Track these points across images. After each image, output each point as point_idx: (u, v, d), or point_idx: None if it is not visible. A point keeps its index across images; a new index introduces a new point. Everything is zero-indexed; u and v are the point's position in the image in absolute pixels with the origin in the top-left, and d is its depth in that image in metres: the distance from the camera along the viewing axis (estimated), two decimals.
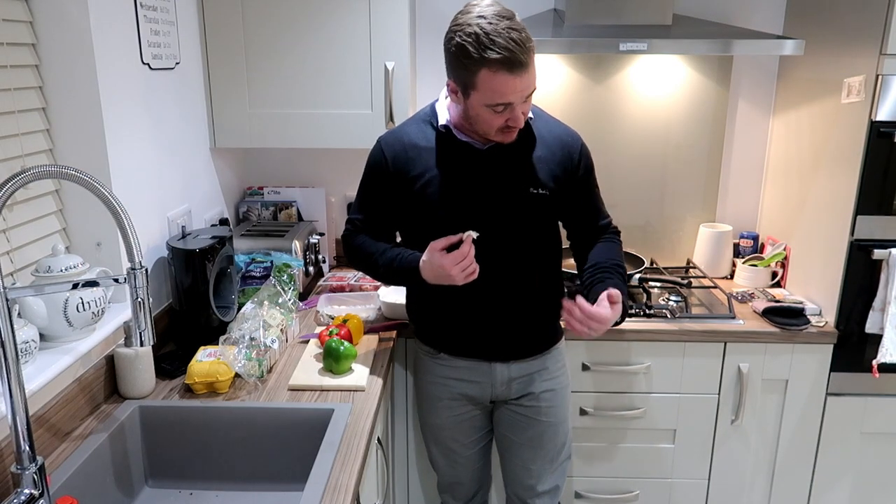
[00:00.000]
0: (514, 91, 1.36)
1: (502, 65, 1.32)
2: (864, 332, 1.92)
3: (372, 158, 1.59)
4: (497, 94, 1.36)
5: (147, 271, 1.09)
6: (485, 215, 1.51)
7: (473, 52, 1.32)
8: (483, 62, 1.32)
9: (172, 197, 1.84)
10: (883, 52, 1.74)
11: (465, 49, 1.34)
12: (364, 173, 1.61)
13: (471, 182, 1.51)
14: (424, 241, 1.48)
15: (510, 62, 1.32)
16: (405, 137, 1.55)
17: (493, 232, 1.51)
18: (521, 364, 1.63)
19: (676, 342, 1.96)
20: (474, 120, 1.45)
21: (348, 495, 1.18)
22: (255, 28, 2.00)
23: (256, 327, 1.64)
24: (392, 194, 1.56)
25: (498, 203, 1.52)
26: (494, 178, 1.52)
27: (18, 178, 0.99)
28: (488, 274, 1.50)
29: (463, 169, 1.52)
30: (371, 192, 1.61)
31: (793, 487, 2.11)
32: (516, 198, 1.52)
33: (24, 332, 1.26)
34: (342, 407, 1.47)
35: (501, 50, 1.31)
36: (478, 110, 1.41)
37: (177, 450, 1.48)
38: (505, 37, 1.31)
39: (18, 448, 1.06)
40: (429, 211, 1.52)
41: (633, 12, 1.99)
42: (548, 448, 1.68)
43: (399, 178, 1.54)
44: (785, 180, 2.26)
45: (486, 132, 1.46)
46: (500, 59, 1.31)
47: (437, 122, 1.54)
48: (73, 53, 1.43)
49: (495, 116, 1.41)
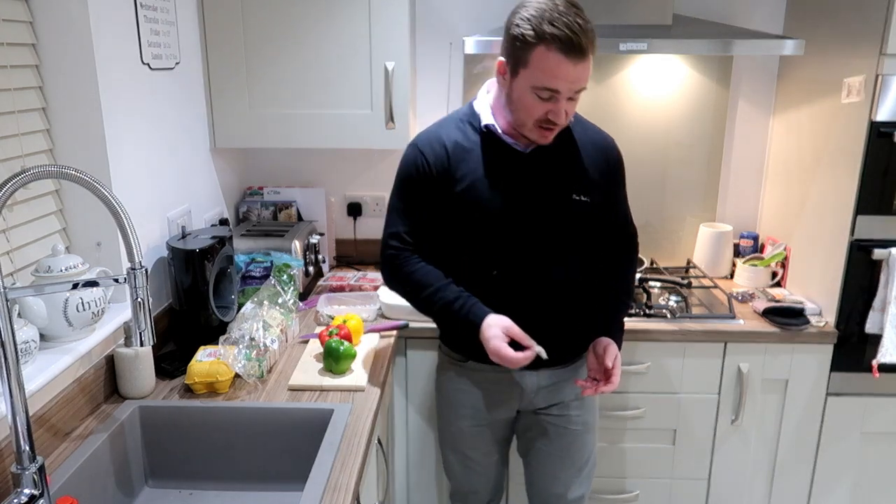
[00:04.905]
0: (566, 77, 1.32)
1: (561, 43, 1.28)
2: (864, 332, 1.92)
3: (410, 163, 1.50)
4: (547, 75, 1.32)
5: (147, 271, 1.09)
6: (527, 220, 1.47)
7: (535, 25, 1.29)
8: (541, 38, 1.29)
9: (172, 197, 1.84)
10: (883, 52, 1.74)
11: (527, 23, 1.31)
12: (399, 181, 1.52)
13: (513, 185, 1.46)
14: (460, 245, 1.46)
15: (570, 43, 1.28)
16: (445, 139, 1.49)
17: (534, 238, 1.48)
18: (551, 372, 1.58)
19: (676, 342, 1.96)
20: (515, 105, 1.39)
21: (348, 495, 1.18)
22: (255, 28, 2.00)
23: (256, 327, 1.64)
24: (436, 199, 1.49)
25: (541, 208, 1.48)
26: (537, 183, 1.47)
27: (18, 178, 0.99)
28: (526, 281, 1.49)
29: (506, 172, 1.47)
30: (413, 199, 1.51)
31: (793, 487, 2.11)
32: (559, 203, 1.48)
33: (24, 332, 1.26)
34: (342, 407, 1.47)
35: (563, 28, 1.27)
36: (521, 93, 1.36)
37: (177, 450, 1.48)
38: (570, 19, 1.28)
39: (18, 448, 1.06)
40: (470, 214, 1.47)
41: (633, 12, 1.99)
42: (576, 457, 1.65)
43: (443, 180, 1.47)
44: (785, 180, 2.26)
45: (524, 122, 1.40)
46: (560, 36, 1.28)
47: (478, 123, 1.49)
48: (73, 53, 1.43)
49: (537, 104, 1.36)
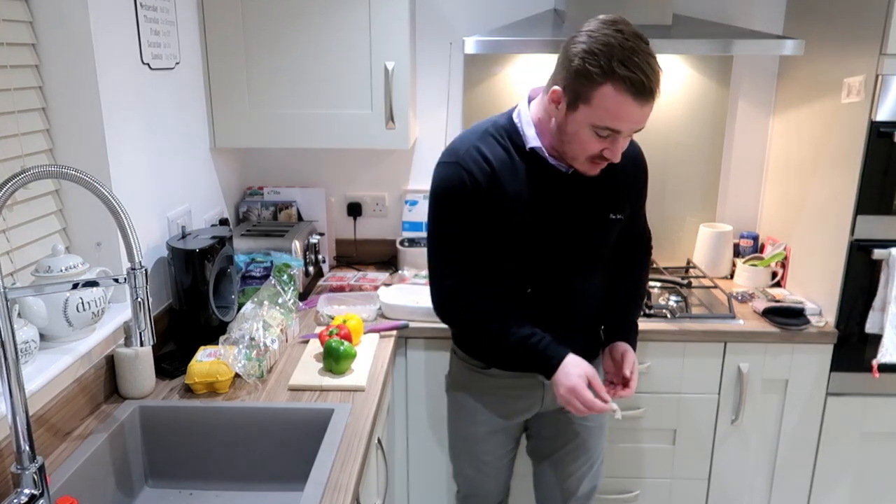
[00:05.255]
0: (630, 119, 1.25)
1: (632, 86, 1.21)
2: (864, 332, 1.92)
3: (455, 182, 1.39)
4: (611, 116, 1.25)
5: (147, 271, 1.10)
6: (566, 240, 1.45)
7: (604, 62, 1.21)
8: (611, 77, 1.21)
9: (172, 197, 1.84)
10: (883, 52, 1.74)
11: (594, 57, 1.22)
12: (445, 204, 1.42)
13: (555, 206, 1.42)
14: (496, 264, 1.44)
15: (641, 86, 1.21)
16: (489, 154, 1.39)
17: (570, 256, 1.47)
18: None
19: (676, 342, 1.96)
20: (569, 138, 1.33)
21: (348, 495, 1.18)
22: (255, 28, 2.00)
23: (256, 327, 1.64)
24: (486, 218, 1.40)
25: (580, 228, 1.45)
26: (578, 204, 1.44)
27: (18, 178, 0.99)
28: (555, 296, 1.48)
29: (548, 192, 1.41)
30: (465, 220, 1.41)
31: (793, 487, 2.11)
32: (596, 223, 1.46)
33: (24, 332, 1.26)
34: (342, 407, 1.47)
35: (635, 70, 1.20)
36: (578, 128, 1.29)
37: (177, 450, 1.48)
38: (643, 58, 1.21)
39: (18, 448, 1.06)
40: (511, 234, 1.42)
41: (633, 12, 1.98)
42: (591, 453, 1.66)
43: (490, 197, 1.39)
44: (785, 180, 2.26)
45: (575, 156, 1.35)
46: (632, 78, 1.20)
47: (521, 141, 1.41)
48: (73, 53, 1.43)
49: (594, 141, 1.30)
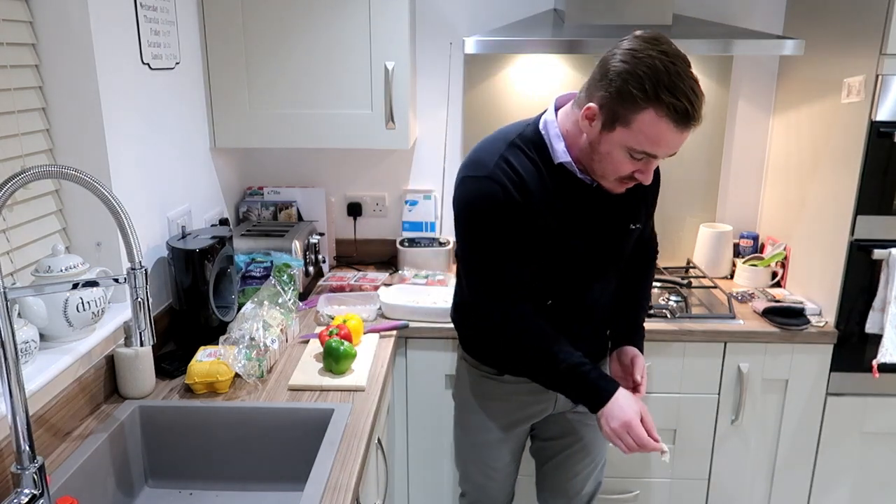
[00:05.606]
0: (668, 145, 1.22)
1: (675, 112, 1.17)
2: (864, 332, 1.92)
3: (490, 198, 1.32)
4: (649, 141, 1.21)
5: (147, 271, 1.09)
6: (589, 252, 1.43)
7: (648, 87, 1.16)
8: (654, 102, 1.17)
9: (172, 197, 1.84)
10: (883, 52, 1.74)
11: (637, 80, 1.17)
12: (483, 222, 1.35)
13: (580, 219, 1.39)
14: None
15: (685, 114, 1.17)
16: (518, 167, 1.34)
17: (591, 268, 1.46)
18: None
19: (676, 342, 1.96)
20: (601, 157, 1.29)
21: (348, 495, 1.18)
22: (255, 28, 2.00)
23: (256, 327, 1.64)
24: (525, 230, 1.35)
25: (602, 240, 1.44)
26: (601, 215, 1.42)
27: (18, 178, 0.99)
28: (574, 306, 1.48)
29: (574, 205, 1.38)
30: (506, 236, 1.35)
31: (793, 487, 2.11)
32: (618, 234, 1.46)
33: (24, 332, 1.26)
34: (342, 407, 1.47)
35: (681, 97, 1.16)
36: (612, 148, 1.26)
37: (177, 450, 1.48)
38: (688, 84, 1.17)
39: (18, 448, 1.06)
40: (538, 247, 1.38)
41: (633, 12, 1.99)
42: (595, 452, 1.66)
43: (524, 210, 1.34)
44: (785, 180, 2.26)
45: (604, 174, 1.32)
46: (677, 106, 1.16)
47: (549, 154, 1.36)
48: (73, 53, 1.43)
49: (627, 162, 1.27)
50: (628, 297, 1.62)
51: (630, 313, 1.62)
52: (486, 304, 1.42)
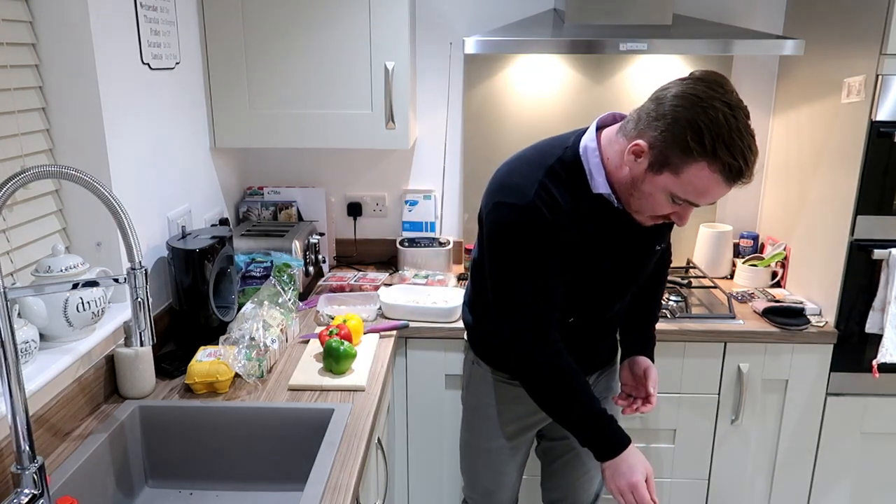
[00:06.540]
0: (713, 197, 1.20)
1: (729, 170, 1.14)
2: (864, 332, 1.92)
3: (530, 228, 1.29)
4: (695, 192, 1.19)
5: (147, 271, 1.10)
6: (616, 274, 1.42)
7: (707, 141, 1.12)
8: (710, 157, 1.13)
9: (172, 197, 1.84)
10: (883, 52, 1.74)
11: (696, 132, 1.12)
12: (520, 250, 1.31)
13: (610, 242, 1.37)
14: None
15: (738, 173, 1.14)
16: (557, 196, 1.30)
17: (617, 288, 1.45)
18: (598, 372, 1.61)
19: (676, 342, 1.96)
20: (640, 195, 1.25)
21: (348, 495, 1.18)
22: (255, 28, 2.00)
23: (256, 327, 1.64)
24: (560, 257, 1.33)
25: (630, 261, 1.43)
26: (630, 238, 1.39)
27: (18, 178, 0.99)
28: (594, 321, 1.49)
29: (605, 228, 1.36)
30: (544, 263, 1.32)
31: (793, 487, 2.11)
32: (645, 255, 1.45)
33: (24, 332, 1.25)
34: (342, 407, 1.47)
35: (738, 156, 1.12)
36: (655, 191, 1.22)
37: (177, 450, 1.48)
38: (747, 142, 1.13)
39: (18, 448, 1.06)
40: (570, 270, 1.35)
41: (633, 12, 1.99)
42: None
43: (560, 237, 1.31)
44: (785, 180, 2.26)
45: (640, 210, 1.29)
46: (732, 165, 1.13)
47: (590, 181, 1.31)
48: (73, 53, 1.43)
49: (667, 205, 1.24)
50: (642, 307, 1.62)
51: (643, 324, 1.62)
52: (515, 328, 1.37)
